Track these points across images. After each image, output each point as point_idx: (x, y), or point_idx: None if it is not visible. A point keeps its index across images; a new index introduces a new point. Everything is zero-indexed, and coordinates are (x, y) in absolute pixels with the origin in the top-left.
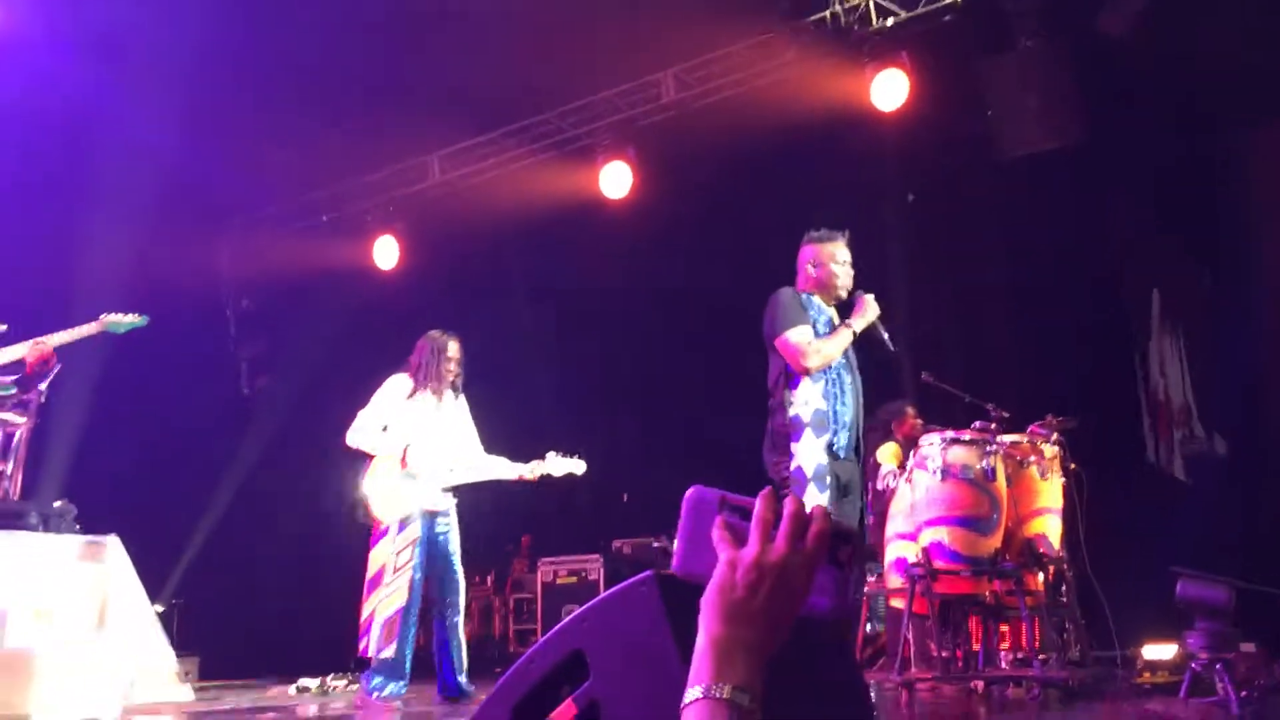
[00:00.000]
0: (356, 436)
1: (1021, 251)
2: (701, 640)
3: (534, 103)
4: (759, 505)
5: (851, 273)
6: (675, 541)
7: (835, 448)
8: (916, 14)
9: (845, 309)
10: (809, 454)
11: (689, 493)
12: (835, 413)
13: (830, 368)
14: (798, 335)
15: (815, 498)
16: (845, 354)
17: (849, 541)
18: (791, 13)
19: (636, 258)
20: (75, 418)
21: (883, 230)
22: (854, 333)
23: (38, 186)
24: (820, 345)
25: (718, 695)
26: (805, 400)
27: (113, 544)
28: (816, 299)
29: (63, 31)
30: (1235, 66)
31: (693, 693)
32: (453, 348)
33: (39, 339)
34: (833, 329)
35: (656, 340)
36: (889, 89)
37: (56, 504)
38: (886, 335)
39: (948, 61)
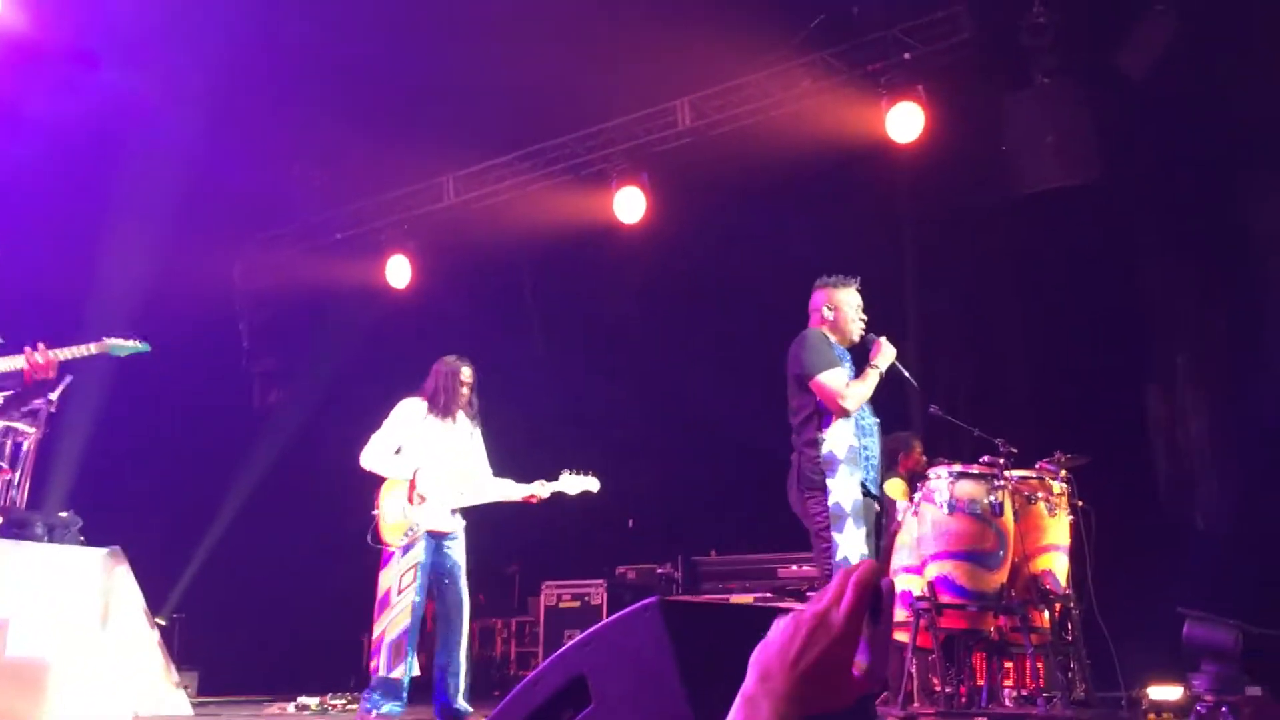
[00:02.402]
0: (370, 459)
1: (1035, 287)
2: (742, 692)
3: (550, 126)
4: (862, 573)
5: (864, 318)
6: None
7: (867, 484)
8: (934, 48)
9: (854, 351)
10: (845, 490)
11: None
12: (865, 449)
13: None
14: (833, 378)
15: (853, 533)
16: None
17: (889, 599)
18: (809, 44)
19: (649, 283)
20: (84, 429)
21: (896, 263)
22: (880, 374)
23: (54, 196)
24: (855, 387)
25: None
26: (839, 438)
27: (116, 556)
28: (835, 338)
29: (84, 42)
30: (1253, 106)
31: None
32: (466, 373)
33: (35, 348)
34: (859, 371)
35: (666, 366)
36: (905, 122)
37: (62, 514)
38: (908, 374)
39: (964, 96)
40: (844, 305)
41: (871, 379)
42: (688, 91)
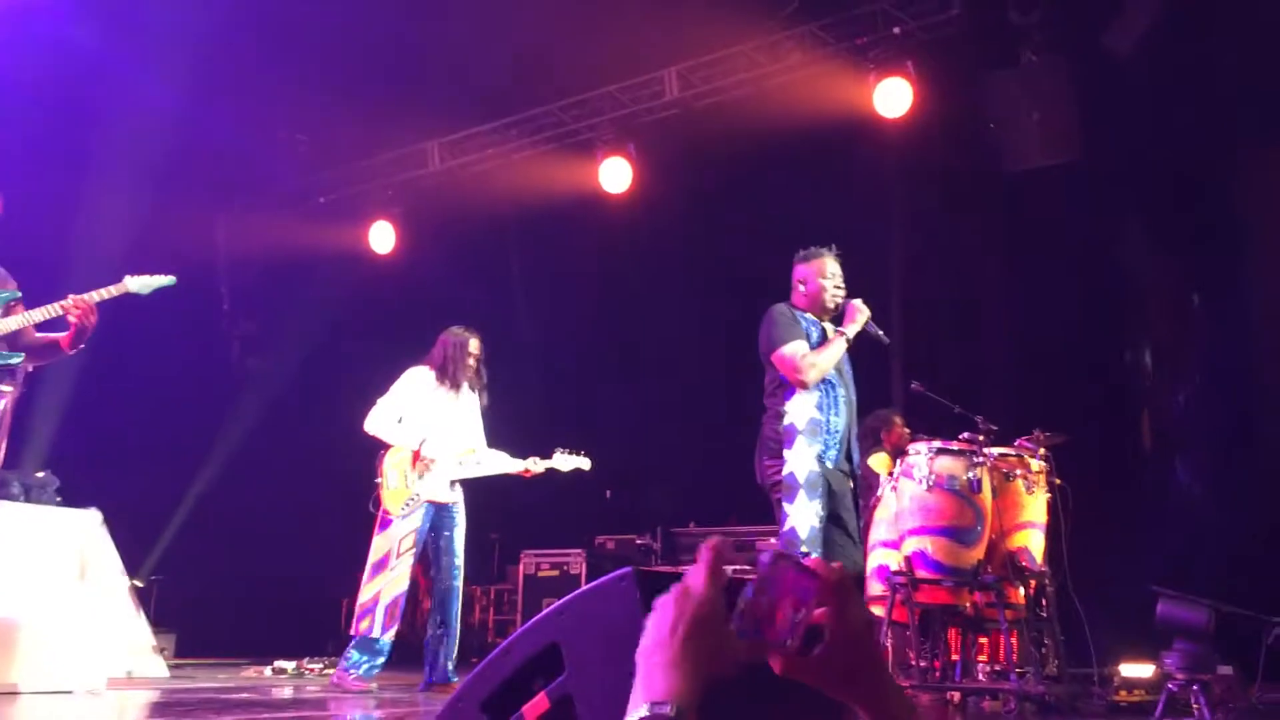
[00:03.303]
0: (374, 424)
1: (1018, 265)
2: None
3: (536, 94)
4: (704, 550)
5: (841, 286)
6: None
7: (825, 456)
8: (923, 23)
9: (838, 321)
10: (801, 461)
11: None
12: (828, 422)
13: (824, 380)
14: (792, 349)
15: (805, 504)
16: (839, 367)
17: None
18: (798, 17)
19: (633, 253)
20: (63, 388)
21: (882, 237)
22: (847, 340)
23: (35, 156)
24: (815, 358)
25: (639, 716)
26: (799, 410)
27: (93, 517)
28: (806, 314)
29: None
30: (1237, 86)
31: None
32: (474, 345)
33: (77, 296)
34: (824, 340)
35: (649, 336)
36: (892, 97)
37: (39, 474)
38: (880, 332)
39: (953, 73)
40: (813, 277)
41: (835, 346)
42: (675, 61)
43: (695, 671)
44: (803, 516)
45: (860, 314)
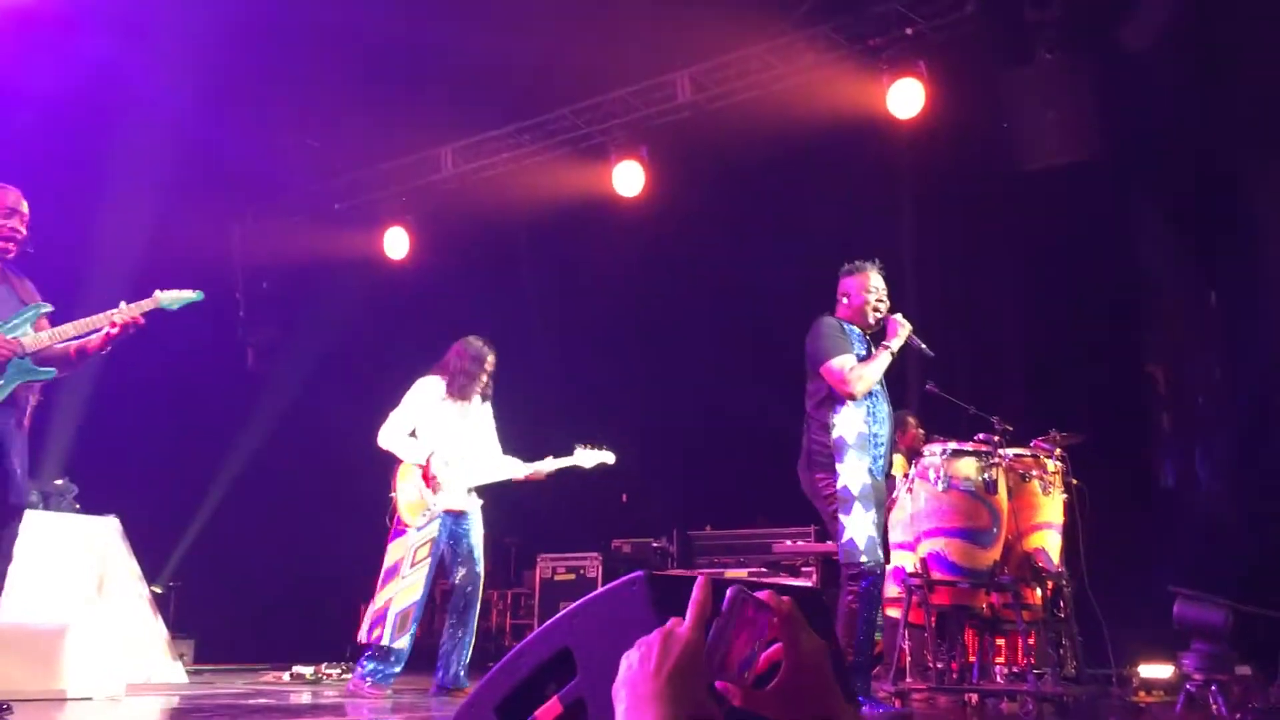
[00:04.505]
0: (387, 439)
1: (1034, 264)
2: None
3: (549, 99)
4: (695, 590)
5: (885, 300)
6: None
7: (874, 469)
8: (936, 24)
9: (879, 337)
10: (854, 474)
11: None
12: (875, 435)
13: (869, 393)
14: (840, 362)
15: (860, 515)
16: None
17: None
18: (810, 18)
19: (646, 256)
20: (80, 396)
21: (895, 238)
22: (892, 354)
23: (52, 166)
24: (862, 371)
25: None
26: (849, 422)
27: (111, 524)
28: (853, 326)
29: (87, 8)
30: (1256, 83)
31: None
32: (491, 360)
33: (123, 310)
34: (869, 354)
35: (664, 340)
36: (906, 98)
37: (57, 482)
38: (924, 345)
39: (966, 72)
40: (857, 290)
41: (880, 360)
42: (688, 65)
43: (677, 712)
44: (860, 528)
45: (902, 329)
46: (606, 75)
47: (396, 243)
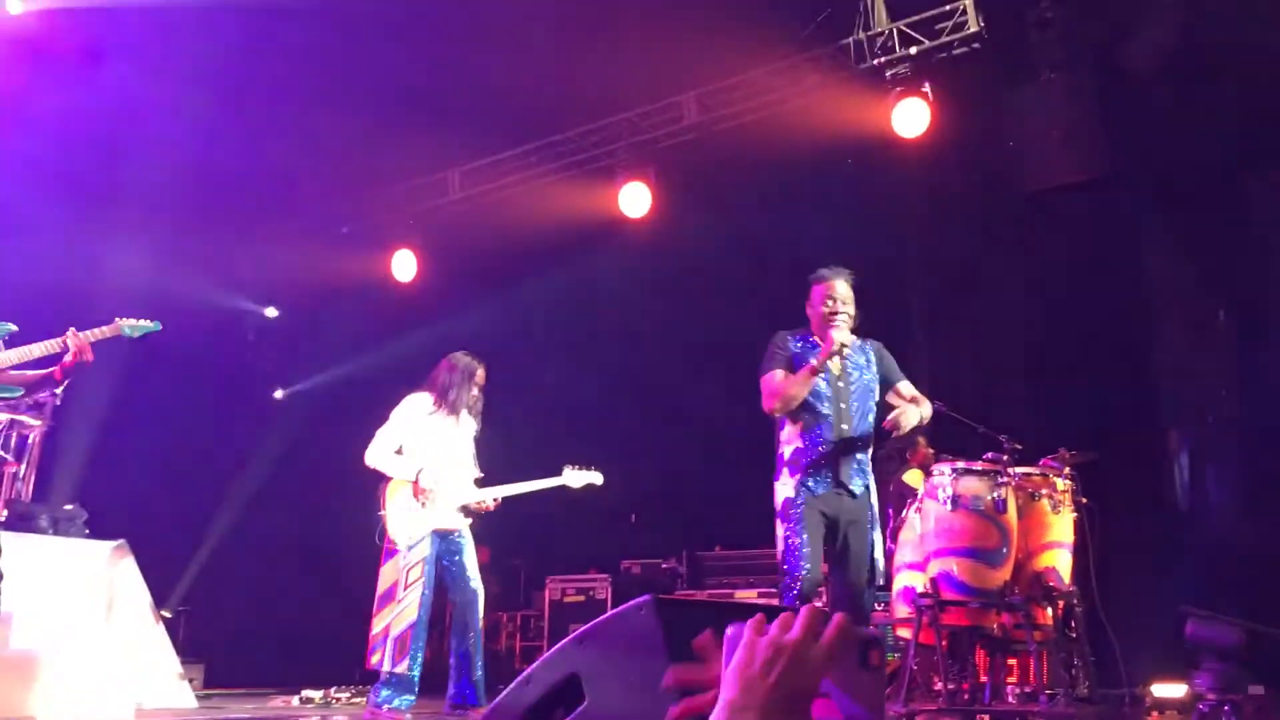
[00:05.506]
0: (374, 457)
1: (1041, 283)
2: (718, 707)
3: (555, 121)
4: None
5: (848, 308)
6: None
7: (809, 484)
8: (939, 43)
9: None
10: (784, 489)
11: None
12: (813, 451)
13: (812, 408)
14: (766, 378)
15: (782, 530)
16: (836, 392)
17: (878, 646)
18: (815, 39)
19: (654, 278)
20: (89, 422)
21: (900, 257)
22: (815, 372)
23: (63, 191)
24: (780, 387)
25: None
26: (788, 439)
27: (121, 549)
28: (815, 339)
29: (100, 34)
30: (1261, 100)
31: None
32: (481, 374)
33: (76, 331)
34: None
35: (672, 360)
36: (911, 118)
37: (67, 507)
38: (847, 356)
39: (971, 92)
40: (816, 300)
41: (799, 378)
42: (694, 86)
43: (784, 711)
44: (782, 541)
45: (835, 344)
46: (613, 97)
47: (404, 265)
